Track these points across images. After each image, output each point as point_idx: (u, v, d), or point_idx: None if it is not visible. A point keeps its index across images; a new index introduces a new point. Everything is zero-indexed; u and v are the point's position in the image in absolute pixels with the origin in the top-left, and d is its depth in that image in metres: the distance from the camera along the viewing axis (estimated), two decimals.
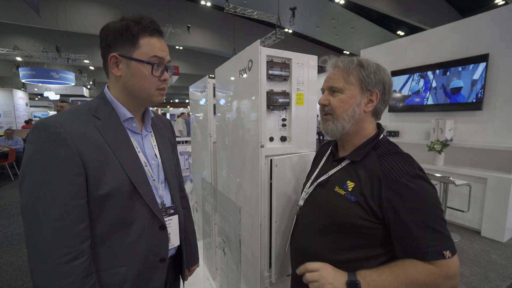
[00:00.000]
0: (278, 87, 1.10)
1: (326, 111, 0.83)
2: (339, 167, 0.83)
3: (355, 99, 0.78)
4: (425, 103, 4.09)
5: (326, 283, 0.70)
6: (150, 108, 0.87)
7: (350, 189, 0.76)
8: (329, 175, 0.84)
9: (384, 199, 0.69)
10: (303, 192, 0.92)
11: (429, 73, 3.98)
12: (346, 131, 0.81)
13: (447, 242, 0.67)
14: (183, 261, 0.95)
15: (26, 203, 0.61)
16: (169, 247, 0.83)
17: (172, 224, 0.84)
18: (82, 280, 0.62)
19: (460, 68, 3.62)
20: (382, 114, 0.85)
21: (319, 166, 0.92)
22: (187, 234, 1.03)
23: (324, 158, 0.93)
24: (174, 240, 0.86)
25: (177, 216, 0.87)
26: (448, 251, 0.66)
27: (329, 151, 0.93)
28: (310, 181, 0.90)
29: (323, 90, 0.86)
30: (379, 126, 0.85)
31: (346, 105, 0.79)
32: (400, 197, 0.68)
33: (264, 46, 1.19)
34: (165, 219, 0.81)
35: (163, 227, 0.79)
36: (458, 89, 3.67)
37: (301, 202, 0.91)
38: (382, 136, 0.81)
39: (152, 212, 0.75)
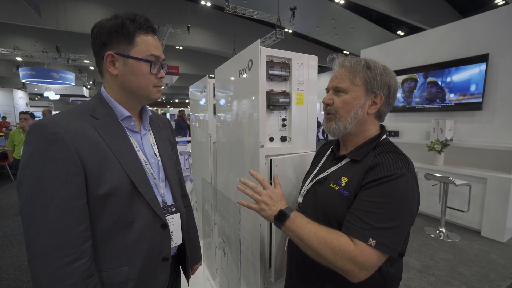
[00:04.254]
0: (278, 87, 1.10)
1: (329, 110, 0.82)
2: (339, 165, 0.83)
3: (359, 101, 0.78)
4: (425, 103, 4.09)
5: (264, 203, 0.80)
6: (150, 108, 0.87)
7: (343, 184, 0.77)
8: (328, 172, 0.84)
9: (363, 185, 0.72)
10: (302, 189, 0.93)
11: (429, 73, 3.98)
12: (349, 131, 0.80)
13: (380, 234, 0.65)
14: (187, 259, 0.95)
15: (25, 204, 0.60)
16: (172, 246, 0.82)
17: (174, 222, 0.84)
18: (84, 281, 0.62)
19: (460, 68, 3.62)
20: (385, 116, 0.85)
21: (319, 165, 0.93)
22: (189, 232, 1.03)
23: (325, 157, 0.94)
24: (177, 239, 0.85)
25: (179, 214, 0.86)
26: (373, 240, 0.65)
27: (330, 150, 0.94)
28: (310, 179, 0.91)
29: (327, 89, 0.85)
30: (382, 127, 0.85)
31: (350, 106, 0.78)
32: (371, 185, 0.70)
33: (264, 46, 1.19)
34: (167, 217, 0.80)
35: (165, 226, 0.78)
36: (458, 89, 3.67)
37: (300, 199, 0.92)
38: (384, 137, 0.81)
39: (153, 210, 0.75)
